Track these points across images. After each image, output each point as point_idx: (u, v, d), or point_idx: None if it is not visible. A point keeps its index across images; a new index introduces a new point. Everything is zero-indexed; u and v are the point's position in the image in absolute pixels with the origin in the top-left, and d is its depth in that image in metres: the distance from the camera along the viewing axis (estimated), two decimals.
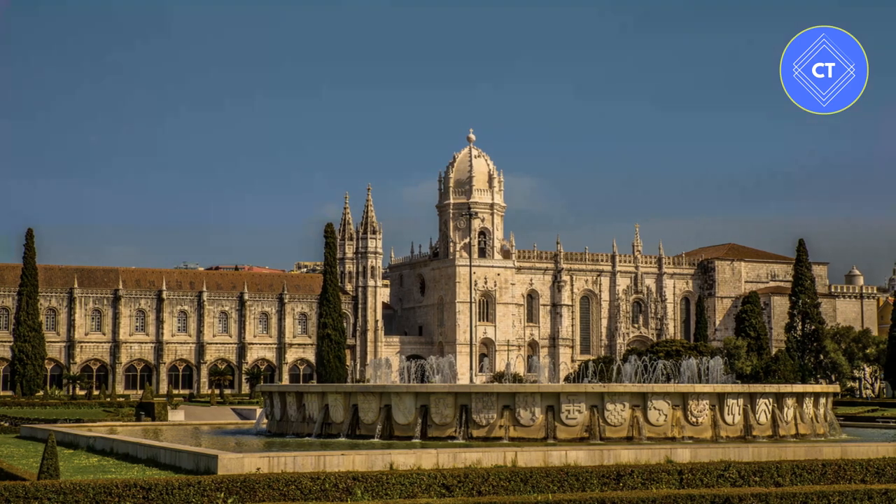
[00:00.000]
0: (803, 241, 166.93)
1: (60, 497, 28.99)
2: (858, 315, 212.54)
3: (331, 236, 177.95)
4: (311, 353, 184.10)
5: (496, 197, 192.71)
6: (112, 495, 29.50)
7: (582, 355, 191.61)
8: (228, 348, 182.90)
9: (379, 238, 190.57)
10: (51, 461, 30.85)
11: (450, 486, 32.21)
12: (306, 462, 34.88)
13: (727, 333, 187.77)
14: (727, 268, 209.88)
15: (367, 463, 35.48)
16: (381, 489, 31.55)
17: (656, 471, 34.42)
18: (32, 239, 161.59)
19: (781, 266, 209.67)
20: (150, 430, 56.71)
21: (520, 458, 36.87)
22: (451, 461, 35.99)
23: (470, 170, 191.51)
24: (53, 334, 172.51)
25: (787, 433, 48.40)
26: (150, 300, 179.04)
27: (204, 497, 30.01)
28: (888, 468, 36.92)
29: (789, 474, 35.54)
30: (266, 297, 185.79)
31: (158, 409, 77.86)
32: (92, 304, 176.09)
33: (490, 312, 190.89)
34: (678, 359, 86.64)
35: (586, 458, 37.68)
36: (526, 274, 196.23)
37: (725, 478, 34.66)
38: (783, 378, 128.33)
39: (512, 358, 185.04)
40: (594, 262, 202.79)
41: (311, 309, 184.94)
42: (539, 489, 32.62)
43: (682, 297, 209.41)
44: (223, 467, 33.57)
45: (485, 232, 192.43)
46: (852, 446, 42.95)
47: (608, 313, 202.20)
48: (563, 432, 44.54)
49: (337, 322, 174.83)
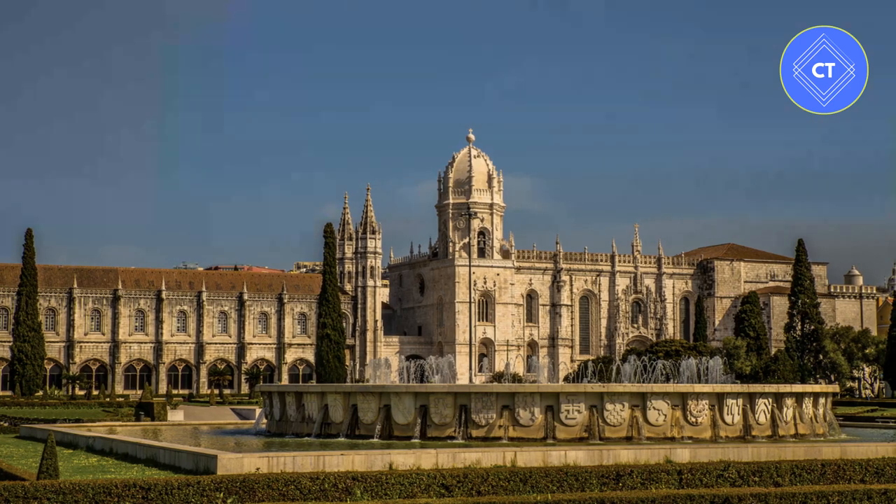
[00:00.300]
0: (802, 241, 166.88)
1: (60, 497, 28.98)
2: (858, 315, 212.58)
3: (330, 236, 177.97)
4: (310, 353, 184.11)
5: (495, 197, 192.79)
6: (111, 495, 29.49)
7: (581, 355, 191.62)
8: (228, 348, 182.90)
9: (378, 238, 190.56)
10: (50, 461, 30.85)
11: (449, 486, 32.20)
12: (306, 462, 34.87)
13: (726, 333, 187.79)
14: (726, 268, 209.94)
15: (367, 463, 35.48)
16: (380, 489, 31.54)
17: (656, 471, 34.41)
18: (32, 239, 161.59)
19: (781, 266, 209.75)
20: (150, 430, 56.71)
21: (519, 458, 36.86)
22: (451, 461, 35.99)
23: (469, 170, 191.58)
24: (53, 334, 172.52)
25: (786, 433, 48.40)
26: (149, 300, 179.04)
27: (203, 497, 30.00)
28: (887, 468, 36.92)
29: (789, 474, 35.53)
30: (265, 297, 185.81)
31: (158, 409, 77.87)
32: (91, 304, 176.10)
33: (489, 312, 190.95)
34: (677, 359, 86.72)
35: (586, 458, 37.67)
36: (525, 274, 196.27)
37: (725, 478, 34.65)
38: (782, 378, 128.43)
39: (511, 358, 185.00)
40: (593, 262, 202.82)
41: (311, 309, 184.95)
42: (538, 489, 32.62)
43: (682, 297, 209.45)
44: (222, 467, 33.57)
45: (484, 232, 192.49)
46: (852, 446, 42.94)
47: (607, 313, 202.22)
48: (563, 432, 44.53)
49: (336, 322, 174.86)
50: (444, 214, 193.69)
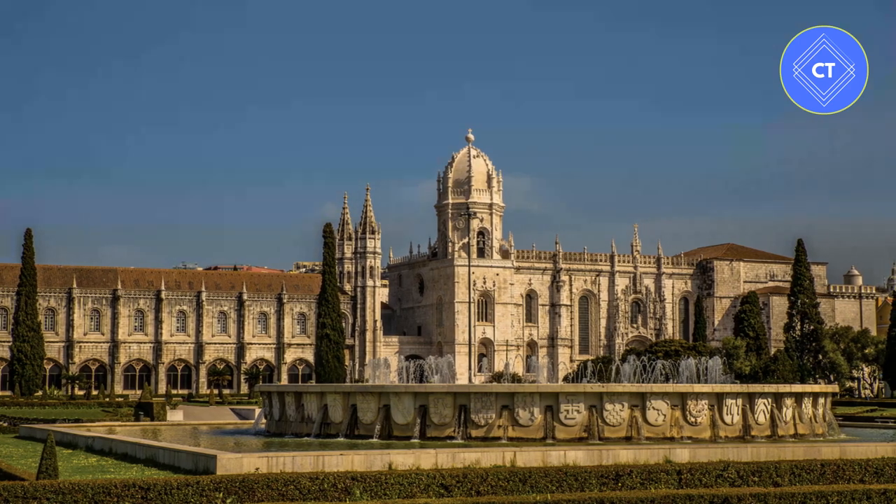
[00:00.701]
0: (802, 241, 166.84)
1: (59, 497, 28.98)
2: (857, 315, 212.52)
3: (329, 236, 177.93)
4: (309, 353, 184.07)
5: (495, 197, 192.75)
6: (111, 495, 29.49)
7: (581, 355, 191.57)
8: (227, 348, 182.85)
9: (378, 238, 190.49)
10: (49, 461, 30.85)
11: (448, 486, 32.20)
12: (305, 462, 34.87)
13: (726, 333, 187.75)
14: (726, 268, 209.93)
15: (366, 463, 35.48)
16: (379, 489, 31.54)
17: (655, 471, 34.40)
18: (31, 239, 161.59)
19: (780, 266, 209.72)
20: (149, 430, 56.71)
21: (518, 458, 36.86)
22: (450, 461, 35.99)
23: (469, 170, 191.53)
24: (52, 334, 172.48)
25: (785, 433, 48.40)
26: (148, 300, 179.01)
27: (203, 497, 30.00)
28: (887, 468, 36.92)
29: (788, 474, 35.53)
30: (265, 297, 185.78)
31: (157, 409, 77.89)
32: (91, 304, 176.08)
33: (489, 312, 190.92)
34: (677, 359, 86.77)
35: (585, 458, 37.67)
36: (525, 274, 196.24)
37: (724, 478, 34.65)
38: (782, 378, 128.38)
39: (511, 358, 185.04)
40: (593, 262, 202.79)
41: (310, 309, 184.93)
42: (538, 489, 32.61)
43: (681, 297, 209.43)
44: (222, 467, 33.57)
45: (483, 232, 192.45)
46: (851, 446, 42.95)
47: (607, 313, 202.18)
48: (562, 432, 44.54)
49: (336, 322, 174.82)
50: (444, 214, 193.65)
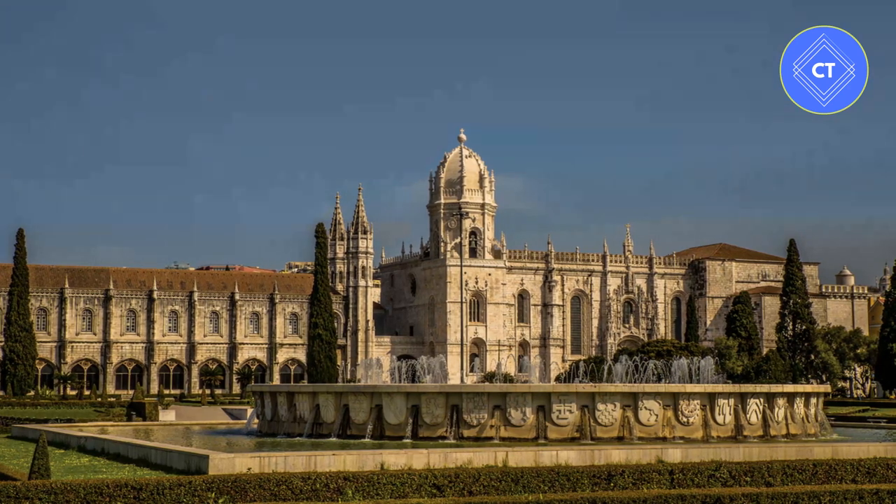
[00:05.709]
0: (794, 242, 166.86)
1: (51, 497, 28.92)
2: (849, 315, 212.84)
3: (322, 236, 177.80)
4: (301, 353, 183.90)
5: (487, 197, 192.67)
6: (103, 495, 29.45)
7: (573, 355, 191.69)
8: (219, 348, 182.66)
9: (370, 238, 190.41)
10: (42, 461, 30.79)
11: (441, 487, 32.20)
12: (297, 462, 34.85)
13: (718, 333, 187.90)
14: (718, 268, 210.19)
15: (358, 463, 35.44)
16: (371, 489, 31.53)
17: (647, 471, 34.42)
18: (23, 239, 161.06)
19: (772, 266, 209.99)
20: (141, 430, 56.61)
21: (511, 458, 36.84)
22: (442, 461, 35.96)
23: (461, 170, 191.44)
24: (44, 334, 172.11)
25: (777, 433, 48.43)
26: (140, 300, 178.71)
27: (195, 497, 29.97)
28: (879, 468, 36.96)
29: (780, 474, 35.56)
30: (257, 297, 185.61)
31: (149, 409, 77.83)
32: (83, 304, 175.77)
33: (481, 312, 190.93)
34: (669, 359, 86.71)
35: (577, 458, 37.65)
36: (517, 274, 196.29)
37: (716, 478, 34.67)
38: (774, 378, 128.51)
39: (503, 358, 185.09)
40: (585, 263, 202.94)
41: (302, 309, 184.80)
42: (530, 489, 32.61)
43: (673, 297, 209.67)
44: (214, 467, 33.53)
45: (476, 232, 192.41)
46: (843, 446, 43.01)
47: (599, 313, 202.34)
48: (554, 432, 44.54)
49: (328, 322, 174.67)
50: (436, 214, 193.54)
